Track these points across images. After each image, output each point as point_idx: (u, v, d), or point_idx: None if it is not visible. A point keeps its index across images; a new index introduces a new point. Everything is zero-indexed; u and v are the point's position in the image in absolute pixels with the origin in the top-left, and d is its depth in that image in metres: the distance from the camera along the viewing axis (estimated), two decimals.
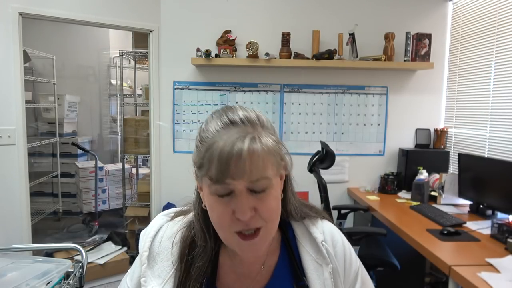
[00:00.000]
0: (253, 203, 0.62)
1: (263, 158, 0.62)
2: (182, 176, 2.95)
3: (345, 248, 0.75)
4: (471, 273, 1.46)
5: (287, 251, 0.75)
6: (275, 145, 0.65)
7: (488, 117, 2.53)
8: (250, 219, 0.62)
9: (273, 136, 0.67)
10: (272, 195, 0.65)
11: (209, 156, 0.61)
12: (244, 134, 0.62)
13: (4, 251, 1.46)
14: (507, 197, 2.07)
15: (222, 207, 0.63)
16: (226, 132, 0.63)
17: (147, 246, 0.73)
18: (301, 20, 2.90)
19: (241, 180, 0.60)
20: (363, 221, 2.87)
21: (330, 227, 0.78)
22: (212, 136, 0.63)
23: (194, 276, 0.70)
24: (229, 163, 0.59)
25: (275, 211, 0.66)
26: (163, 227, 0.76)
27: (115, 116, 4.94)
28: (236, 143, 0.60)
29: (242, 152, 0.59)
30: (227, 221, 0.63)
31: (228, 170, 0.59)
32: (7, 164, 2.48)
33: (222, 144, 0.60)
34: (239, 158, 0.59)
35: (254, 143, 0.61)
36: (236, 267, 0.73)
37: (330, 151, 2.27)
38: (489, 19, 2.53)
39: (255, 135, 0.62)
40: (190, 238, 0.74)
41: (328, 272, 0.71)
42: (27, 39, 2.72)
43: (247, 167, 0.60)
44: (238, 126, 0.64)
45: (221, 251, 0.74)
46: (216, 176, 0.61)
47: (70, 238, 3.68)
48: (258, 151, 0.61)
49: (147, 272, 0.71)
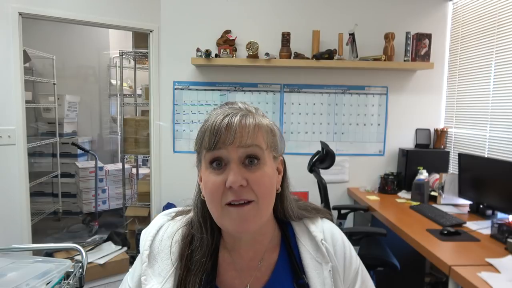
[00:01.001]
0: (245, 174, 0.65)
1: (254, 130, 0.66)
2: (182, 176, 2.94)
3: (345, 247, 0.76)
4: (471, 273, 1.46)
5: (287, 249, 0.75)
6: (268, 123, 0.71)
7: (488, 117, 2.53)
8: (241, 189, 0.64)
9: (268, 120, 0.72)
10: (265, 171, 0.67)
11: (204, 128, 0.68)
12: (238, 112, 0.67)
13: (4, 251, 1.46)
14: (507, 197, 2.07)
15: (215, 177, 0.65)
16: (222, 110, 0.69)
17: (147, 245, 0.74)
18: (301, 20, 2.90)
19: (233, 146, 0.64)
20: (363, 221, 2.87)
21: (330, 226, 0.78)
22: (210, 117, 0.69)
23: (194, 270, 0.70)
24: (220, 130, 0.64)
25: (268, 187, 0.67)
26: (163, 226, 0.77)
27: (115, 116, 4.94)
28: (228, 116, 0.66)
29: (234, 122, 0.65)
30: (219, 192, 0.65)
31: (219, 137, 0.64)
32: (7, 164, 2.48)
33: (215, 117, 0.67)
34: (230, 127, 0.64)
35: (247, 117, 0.67)
36: (235, 263, 0.73)
37: (330, 151, 2.27)
38: (489, 19, 2.53)
39: (249, 114, 0.68)
40: (190, 236, 0.74)
41: (328, 271, 0.71)
42: (27, 39, 2.72)
43: (237, 134, 0.64)
44: (235, 108, 0.70)
45: (221, 248, 0.75)
46: (209, 143, 0.65)
47: (70, 238, 3.68)
48: (249, 122, 0.66)
49: (147, 270, 0.72)
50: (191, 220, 0.76)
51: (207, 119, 0.69)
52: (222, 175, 0.65)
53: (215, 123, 0.65)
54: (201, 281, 0.70)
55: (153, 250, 0.74)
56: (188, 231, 0.75)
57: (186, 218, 0.78)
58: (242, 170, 0.65)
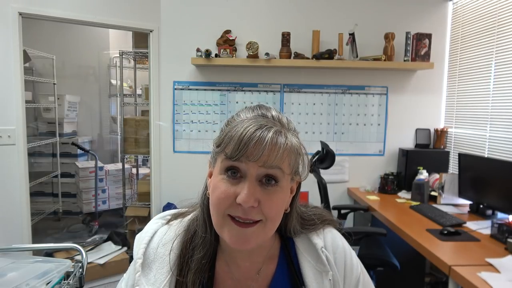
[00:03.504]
0: (259, 194, 0.61)
1: (283, 153, 0.62)
2: (182, 176, 2.97)
3: (346, 254, 0.74)
4: (471, 273, 1.46)
5: (286, 258, 0.74)
6: (298, 146, 0.66)
7: (488, 117, 2.53)
8: (250, 209, 0.61)
9: (299, 139, 0.68)
10: (279, 194, 0.64)
11: (231, 134, 0.62)
12: (272, 126, 0.62)
13: (4, 251, 1.46)
14: (507, 197, 2.07)
15: (227, 186, 0.62)
16: (255, 120, 0.63)
17: (141, 253, 0.71)
18: (301, 20, 2.90)
19: (255, 163, 0.60)
20: (363, 221, 2.87)
21: (332, 233, 0.76)
22: (240, 120, 0.64)
23: (193, 269, 0.69)
24: (248, 144, 0.59)
25: (278, 212, 0.65)
26: (158, 232, 0.74)
27: (115, 116, 4.94)
28: (261, 129, 0.61)
29: (265, 138, 0.60)
30: (226, 202, 0.62)
31: (246, 150, 0.59)
32: (7, 164, 2.48)
33: (247, 126, 0.61)
34: (260, 143, 0.59)
35: (279, 136, 0.62)
36: (232, 273, 0.72)
37: (330, 151, 2.27)
38: (489, 19, 2.53)
39: (282, 130, 0.63)
40: (190, 238, 0.72)
41: (328, 280, 0.70)
42: (27, 39, 2.72)
43: (265, 153, 0.60)
44: (269, 120, 0.64)
45: (218, 257, 0.73)
46: (231, 152, 0.61)
47: (70, 238, 3.67)
48: (281, 143, 0.61)
49: (141, 280, 0.69)
50: (192, 220, 0.75)
51: (236, 124, 0.63)
52: (234, 186, 0.62)
53: (246, 133, 0.60)
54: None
55: (147, 258, 0.71)
56: (186, 237, 0.72)
57: (183, 223, 0.75)
58: (257, 188, 0.61)
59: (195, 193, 0.76)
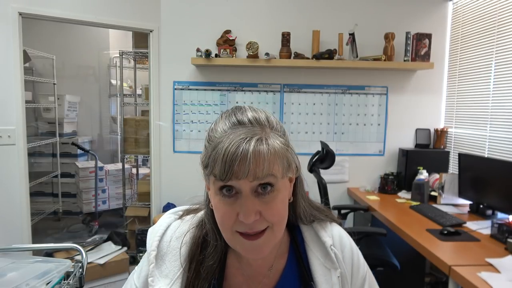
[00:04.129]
0: (258, 206, 0.61)
1: (269, 160, 0.60)
2: (182, 176, 2.96)
3: (353, 253, 0.75)
4: (471, 273, 1.46)
5: (296, 255, 0.74)
6: (283, 148, 0.64)
7: (488, 117, 2.53)
8: (254, 223, 0.61)
9: (282, 138, 0.65)
10: (278, 199, 0.63)
11: (214, 155, 0.61)
12: (251, 135, 0.60)
13: (4, 251, 1.46)
14: (507, 197, 2.07)
15: (226, 207, 0.62)
16: (233, 132, 0.61)
17: (155, 245, 0.72)
18: (301, 20, 2.90)
19: (246, 179, 0.59)
20: (363, 221, 2.87)
21: (339, 231, 0.77)
22: (219, 136, 0.62)
23: (203, 275, 0.69)
24: (233, 163, 0.58)
25: (281, 215, 0.65)
26: (171, 226, 0.75)
27: (115, 116, 4.94)
28: (241, 144, 0.59)
29: (248, 153, 0.58)
30: (230, 222, 0.62)
31: (232, 170, 0.59)
32: (7, 164, 2.48)
33: (227, 144, 0.59)
34: (244, 159, 0.58)
35: (260, 144, 0.60)
36: (243, 269, 0.72)
37: (330, 151, 2.27)
38: (489, 19, 2.53)
39: (262, 136, 0.61)
40: (202, 238, 0.73)
41: (337, 277, 0.70)
42: (27, 39, 2.72)
43: (251, 167, 0.58)
44: (246, 127, 0.63)
45: (229, 253, 0.74)
46: (220, 175, 0.60)
47: (70, 238, 3.68)
48: (263, 152, 0.60)
49: (154, 271, 0.70)
50: (201, 222, 0.75)
51: (218, 142, 0.61)
52: (233, 205, 0.62)
53: (228, 154, 0.58)
54: (209, 285, 0.69)
55: (161, 250, 0.72)
56: (199, 233, 0.73)
57: (196, 218, 0.76)
58: (255, 201, 0.61)
59: (195, 193, 0.76)
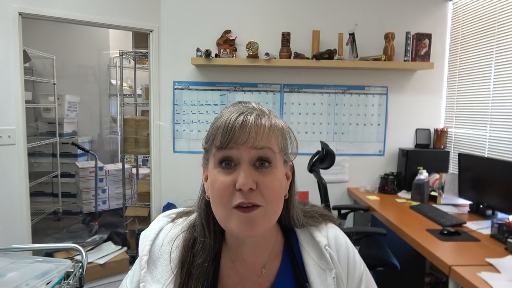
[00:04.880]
0: (255, 177, 0.63)
1: (269, 131, 0.64)
2: (182, 176, 2.97)
3: (349, 252, 0.74)
4: (471, 273, 1.46)
5: (290, 255, 0.74)
6: (283, 125, 0.69)
7: (488, 117, 2.53)
8: (250, 192, 0.62)
9: (282, 121, 0.70)
10: (275, 175, 0.65)
11: (216, 126, 0.65)
12: (253, 111, 0.66)
13: (4, 251, 1.46)
14: (507, 197, 2.07)
15: (224, 177, 0.64)
16: (236, 108, 0.67)
17: (146, 250, 0.72)
18: (301, 20, 2.90)
19: (245, 146, 0.62)
20: (363, 221, 2.87)
21: (335, 231, 0.76)
22: (223, 114, 0.67)
23: (195, 275, 0.69)
24: (234, 128, 0.62)
25: (277, 193, 0.66)
26: (163, 230, 0.75)
27: (115, 116, 4.94)
28: (243, 114, 0.64)
29: (249, 120, 0.63)
30: (227, 193, 0.63)
31: (233, 135, 0.62)
32: (7, 164, 2.48)
33: (230, 114, 0.64)
34: (245, 125, 0.63)
35: (262, 117, 0.65)
36: (237, 269, 0.72)
37: (330, 151, 2.27)
38: (489, 19, 2.53)
39: (264, 114, 0.67)
40: (192, 241, 0.72)
41: (332, 278, 0.70)
42: (27, 39, 2.72)
43: (252, 133, 0.62)
44: (249, 107, 0.68)
45: (223, 253, 0.73)
46: (220, 141, 0.63)
47: (70, 238, 3.68)
48: (265, 122, 0.64)
49: (146, 276, 0.69)
50: (193, 224, 0.75)
51: (219, 116, 0.67)
52: (231, 175, 0.63)
53: (229, 120, 0.63)
54: (202, 286, 0.69)
55: (153, 255, 0.72)
56: (190, 236, 0.73)
57: (188, 221, 0.76)
58: (253, 172, 0.63)
59: (195, 193, 0.76)
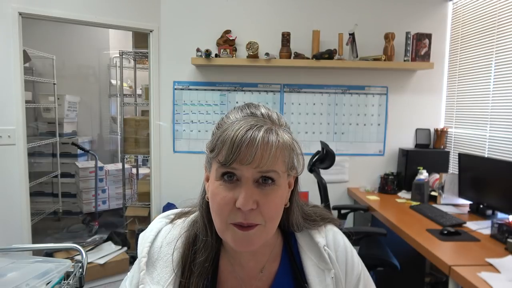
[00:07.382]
0: (257, 196, 0.61)
1: (276, 151, 0.61)
2: (182, 176, 2.96)
3: (347, 252, 0.74)
4: (471, 273, 1.46)
5: (289, 257, 0.74)
6: (291, 142, 0.66)
7: (488, 117, 2.53)
8: (250, 212, 0.61)
9: (291, 134, 0.68)
10: (277, 193, 0.64)
11: (223, 138, 0.61)
12: (261, 124, 0.62)
13: (4, 251, 1.46)
14: (507, 197, 2.07)
15: (225, 192, 0.62)
16: (245, 120, 0.63)
17: (145, 251, 0.71)
18: (301, 20, 2.90)
19: (249, 166, 0.60)
20: (363, 221, 2.87)
21: (333, 231, 0.77)
22: (231, 122, 0.64)
23: (196, 272, 0.69)
24: (240, 147, 0.59)
25: (277, 211, 0.65)
26: (162, 231, 0.75)
27: (115, 116, 4.94)
28: (251, 129, 0.60)
29: (256, 139, 0.59)
30: (227, 209, 0.62)
31: (238, 154, 0.59)
32: (7, 164, 2.48)
33: (238, 128, 0.60)
34: (252, 144, 0.59)
35: (270, 134, 0.61)
36: (236, 272, 0.72)
37: (330, 151, 2.27)
38: (489, 19, 2.53)
39: (272, 128, 0.63)
40: (192, 239, 0.72)
41: (331, 278, 0.70)
42: (27, 39, 2.72)
43: (258, 155, 0.59)
44: (258, 118, 0.64)
45: (221, 255, 0.73)
46: (225, 158, 0.60)
47: (70, 238, 3.67)
48: (272, 142, 0.61)
49: (145, 278, 0.69)
50: (192, 223, 0.74)
51: (227, 127, 0.63)
52: (232, 191, 0.62)
53: (237, 136, 0.59)
54: (202, 285, 0.69)
55: (152, 257, 0.71)
56: (189, 236, 0.73)
57: (187, 222, 0.75)
58: (254, 190, 0.61)
59: (195, 193, 0.76)
